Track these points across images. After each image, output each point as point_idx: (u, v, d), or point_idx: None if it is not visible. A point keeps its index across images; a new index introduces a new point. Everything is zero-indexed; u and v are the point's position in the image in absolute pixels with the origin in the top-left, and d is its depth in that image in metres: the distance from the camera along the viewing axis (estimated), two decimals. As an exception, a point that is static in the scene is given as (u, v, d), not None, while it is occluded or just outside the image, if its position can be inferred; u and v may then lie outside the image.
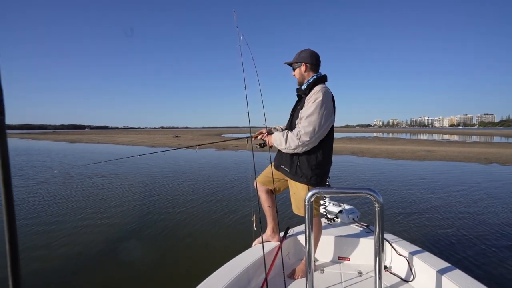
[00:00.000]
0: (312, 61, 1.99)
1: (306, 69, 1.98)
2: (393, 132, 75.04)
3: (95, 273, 3.28)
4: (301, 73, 2.00)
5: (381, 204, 1.14)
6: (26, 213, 5.34)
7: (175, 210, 5.54)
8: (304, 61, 1.98)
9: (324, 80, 2.01)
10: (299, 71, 2.00)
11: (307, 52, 2.00)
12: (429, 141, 28.65)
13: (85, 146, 26.31)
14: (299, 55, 2.01)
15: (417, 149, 17.88)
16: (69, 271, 3.32)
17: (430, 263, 1.78)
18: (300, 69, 1.99)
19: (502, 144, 24.26)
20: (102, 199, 6.40)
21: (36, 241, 4.09)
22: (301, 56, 2.00)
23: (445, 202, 5.94)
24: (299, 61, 2.00)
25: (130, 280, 3.13)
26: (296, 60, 2.01)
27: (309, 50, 2.01)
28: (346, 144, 23.17)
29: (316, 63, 2.00)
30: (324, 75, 2.02)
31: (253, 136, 2.14)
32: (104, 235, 4.34)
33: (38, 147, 25.23)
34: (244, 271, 1.73)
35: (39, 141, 36.48)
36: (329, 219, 2.69)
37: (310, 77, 1.98)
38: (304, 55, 1.99)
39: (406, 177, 8.82)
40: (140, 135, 53.50)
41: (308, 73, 1.99)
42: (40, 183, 8.28)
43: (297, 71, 2.02)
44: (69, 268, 3.39)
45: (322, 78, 2.00)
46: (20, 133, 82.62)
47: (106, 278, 3.17)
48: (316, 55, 2.01)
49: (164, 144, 25.08)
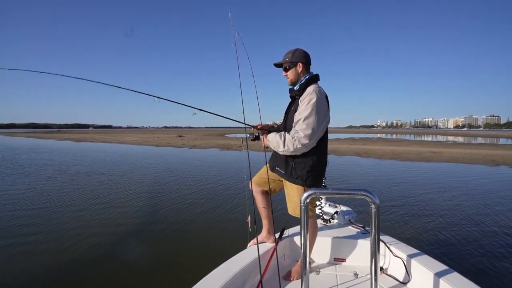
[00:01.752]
0: (307, 61, 1.97)
1: (302, 69, 1.95)
2: (397, 133, 74.62)
3: (92, 271, 3.31)
4: (297, 73, 1.95)
5: (377, 205, 1.13)
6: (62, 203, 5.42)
7: (170, 209, 5.57)
8: (300, 60, 1.94)
9: (317, 80, 1.97)
10: (295, 71, 1.95)
11: (301, 52, 1.96)
12: (434, 143, 28.47)
13: (92, 145, 26.48)
14: (292, 55, 1.96)
15: (423, 151, 17.77)
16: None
17: (427, 265, 1.76)
18: (296, 69, 1.95)
19: (509, 146, 23.98)
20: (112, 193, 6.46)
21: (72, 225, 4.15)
22: (295, 55, 1.95)
23: (452, 204, 5.90)
24: (295, 60, 1.94)
25: (122, 281, 3.12)
26: (291, 60, 1.95)
27: (302, 49, 1.98)
28: (350, 145, 23.08)
29: (309, 62, 1.99)
30: (316, 75, 1.99)
31: (255, 126, 2.05)
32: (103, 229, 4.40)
33: (45, 145, 25.46)
34: (239, 273, 1.72)
35: (46, 140, 36.82)
36: (325, 220, 2.66)
37: (303, 77, 1.95)
38: (299, 54, 1.95)
39: (411, 179, 8.79)
40: (144, 134, 53.76)
41: (303, 73, 1.96)
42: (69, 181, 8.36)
43: (291, 71, 1.96)
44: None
45: (315, 78, 1.97)
46: (25, 132, 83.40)
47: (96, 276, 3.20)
48: (309, 54, 1.99)
49: (168, 144, 25.19)
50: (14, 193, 6.93)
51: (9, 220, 4.96)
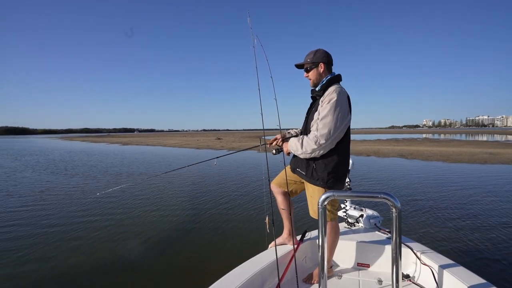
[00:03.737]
0: (329, 61, 1.96)
1: (324, 69, 1.95)
2: (446, 133, 68.96)
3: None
4: (319, 74, 1.96)
5: (398, 209, 1.08)
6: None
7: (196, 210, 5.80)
8: (322, 60, 1.94)
9: (339, 80, 1.96)
10: (317, 71, 1.95)
11: (322, 52, 1.96)
12: (491, 143, 25.86)
13: (137, 148, 28.40)
14: (314, 55, 1.96)
15: (476, 151, 16.28)
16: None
17: (460, 277, 1.62)
18: (317, 69, 1.95)
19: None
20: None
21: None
22: (317, 56, 1.95)
23: (509, 212, 5.38)
24: (316, 61, 1.94)
25: (140, 278, 3.23)
26: (312, 61, 1.95)
27: (323, 49, 1.98)
28: (393, 146, 21.89)
29: (331, 62, 1.98)
30: (338, 75, 1.97)
31: (267, 142, 2.14)
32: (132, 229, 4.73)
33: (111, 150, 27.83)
34: (258, 273, 1.71)
35: (97, 143, 40.25)
36: (349, 224, 2.59)
37: (325, 77, 1.95)
38: (321, 55, 1.95)
39: (462, 182, 8.14)
40: (184, 137, 56.17)
41: (325, 73, 1.95)
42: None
43: (313, 72, 1.97)
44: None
45: (336, 78, 1.95)
46: (80, 136, 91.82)
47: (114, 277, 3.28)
48: (330, 54, 1.98)
49: (208, 146, 26.12)
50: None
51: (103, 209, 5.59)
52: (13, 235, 4.55)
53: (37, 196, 7.21)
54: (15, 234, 4.58)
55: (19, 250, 3.95)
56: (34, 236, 4.46)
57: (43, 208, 6.10)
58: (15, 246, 4.11)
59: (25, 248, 4.03)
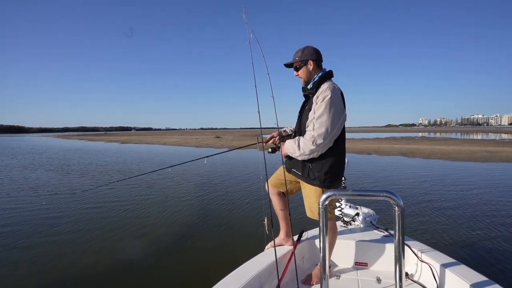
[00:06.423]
0: (318, 58, 1.91)
1: (314, 67, 1.90)
2: (442, 132, 69.49)
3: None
4: (309, 71, 1.91)
5: (401, 207, 1.05)
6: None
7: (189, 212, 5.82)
8: (310, 58, 1.89)
9: (331, 76, 1.91)
10: (306, 69, 1.91)
11: (311, 49, 1.91)
12: (489, 141, 26.10)
13: (137, 146, 28.27)
14: (302, 53, 1.91)
15: (476, 150, 16.45)
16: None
17: (461, 274, 1.60)
18: (307, 67, 1.90)
19: None
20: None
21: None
22: (305, 53, 1.90)
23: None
24: (305, 58, 1.90)
25: (136, 281, 3.17)
26: (301, 59, 1.91)
27: (311, 46, 1.93)
28: (393, 145, 22.05)
29: (320, 59, 1.93)
30: (329, 71, 1.92)
31: (264, 140, 2.09)
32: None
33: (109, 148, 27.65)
34: (256, 276, 1.67)
35: (96, 142, 40.02)
36: (345, 222, 2.56)
37: (316, 74, 1.90)
38: (309, 52, 1.90)
39: (466, 181, 8.24)
40: (183, 136, 55.99)
41: (315, 70, 1.91)
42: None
43: (303, 70, 1.92)
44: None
45: (328, 74, 1.90)
46: (77, 135, 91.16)
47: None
48: (319, 51, 1.94)
49: (208, 145, 26.07)
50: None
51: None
52: (11, 239, 4.54)
53: (70, 198, 7.19)
54: (14, 239, 4.58)
55: (19, 250, 3.95)
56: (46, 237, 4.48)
57: (62, 208, 6.12)
58: (15, 245, 4.11)
59: (35, 251, 4.04)
